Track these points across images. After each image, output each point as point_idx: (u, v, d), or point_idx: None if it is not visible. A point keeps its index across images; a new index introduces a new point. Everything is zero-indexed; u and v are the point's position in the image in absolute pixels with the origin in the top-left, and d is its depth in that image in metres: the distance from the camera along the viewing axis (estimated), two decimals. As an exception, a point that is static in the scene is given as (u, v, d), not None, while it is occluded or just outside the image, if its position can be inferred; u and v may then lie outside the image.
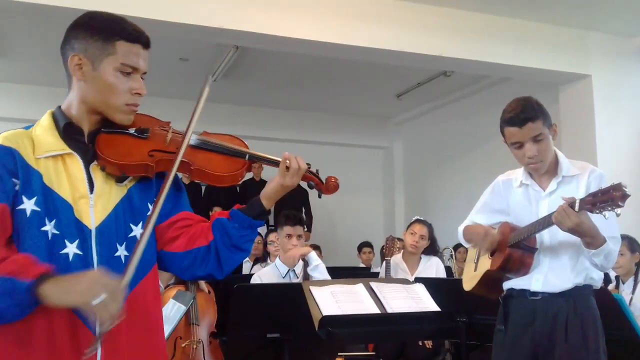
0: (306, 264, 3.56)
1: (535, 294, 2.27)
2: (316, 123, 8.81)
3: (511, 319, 2.33)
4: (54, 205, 1.33)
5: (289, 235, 3.57)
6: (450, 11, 5.28)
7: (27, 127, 1.43)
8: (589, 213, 1.97)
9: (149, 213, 1.41)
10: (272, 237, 4.90)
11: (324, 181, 1.54)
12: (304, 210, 7.14)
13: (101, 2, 2.92)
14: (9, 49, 6.38)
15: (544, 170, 2.28)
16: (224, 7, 4.60)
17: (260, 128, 8.19)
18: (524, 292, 2.30)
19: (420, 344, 4.13)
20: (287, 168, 1.48)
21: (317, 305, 2.12)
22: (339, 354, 3.32)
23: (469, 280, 2.56)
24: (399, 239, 5.61)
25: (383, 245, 4.71)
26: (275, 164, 1.50)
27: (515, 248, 2.28)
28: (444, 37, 5.26)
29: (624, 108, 5.87)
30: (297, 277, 3.58)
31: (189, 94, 7.07)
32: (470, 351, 3.84)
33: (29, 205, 1.31)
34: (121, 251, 1.39)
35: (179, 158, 1.41)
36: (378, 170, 9.61)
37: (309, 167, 1.53)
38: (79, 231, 1.35)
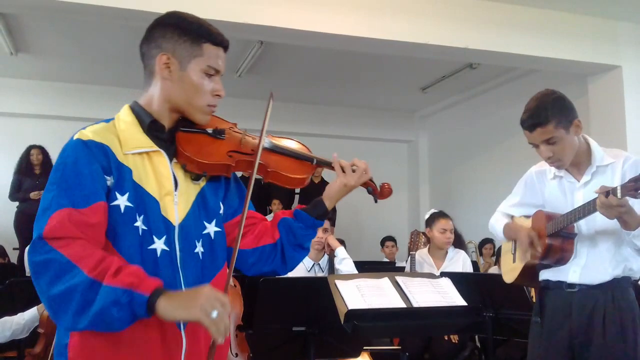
0: (332, 258, 3.58)
1: (572, 285, 2.23)
2: (341, 117, 8.80)
3: (547, 311, 2.30)
4: (143, 201, 1.36)
5: (316, 228, 3.59)
6: (475, 2, 5.21)
7: (107, 121, 1.44)
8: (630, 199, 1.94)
9: (231, 212, 1.52)
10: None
11: (379, 187, 1.62)
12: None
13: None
14: (31, 45, 6.49)
15: (566, 167, 2.25)
16: (248, 2, 4.61)
17: (285, 123, 8.20)
18: (560, 284, 2.27)
19: (446, 338, 4.11)
20: (353, 170, 1.56)
21: (343, 299, 2.11)
22: (365, 348, 3.32)
23: (509, 272, 2.52)
24: (424, 234, 5.59)
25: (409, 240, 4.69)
26: (340, 168, 1.58)
27: (555, 237, 2.24)
28: (469, 29, 5.20)
29: (655, 99, 5.74)
30: (323, 271, 3.59)
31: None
32: (497, 346, 3.81)
33: (122, 201, 1.34)
34: (199, 248, 1.44)
35: (258, 160, 1.47)
36: (403, 164, 9.57)
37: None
38: (165, 227, 1.38)
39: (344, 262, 3.57)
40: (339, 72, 7.21)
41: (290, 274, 3.54)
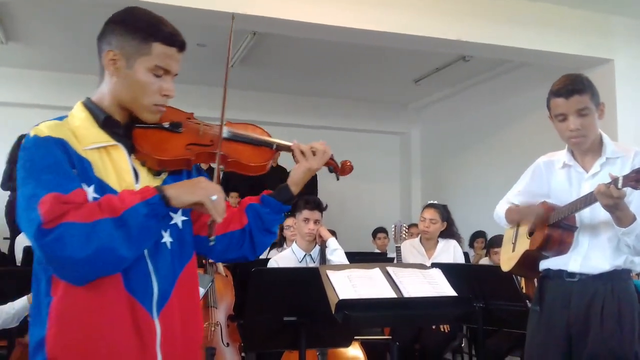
0: (323, 248, 3.59)
1: (572, 275, 2.25)
2: (333, 109, 8.78)
3: (547, 301, 2.32)
4: (106, 194, 1.36)
5: (307, 219, 3.60)
6: (468, -6, 5.21)
7: (60, 119, 1.44)
8: (629, 195, 1.96)
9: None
10: (288, 222, 4.94)
11: (340, 164, 1.64)
12: (312, 195, 7.17)
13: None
14: (21, 34, 6.42)
15: (586, 146, 2.25)
16: (241, -8, 4.59)
17: (277, 114, 8.19)
18: (560, 273, 2.28)
19: (436, 328, 4.14)
20: (314, 153, 1.57)
21: (334, 289, 2.12)
22: (355, 337, 3.34)
23: (507, 261, 2.54)
24: (414, 225, 5.61)
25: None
26: (301, 153, 1.59)
27: (555, 227, 2.25)
28: (462, 21, 5.19)
29: (646, 93, 5.77)
30: (314, 262, 3.61)
31: (206, 80, 7.13)
32: (487, 336, 3.85)
33: (90, 192, 1.34)
34: (167, 238, 1.44)
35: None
36: (395, 156, 9.57)
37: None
38: None
39: (336, 253, 3.59)
40: (332, 63, 7.19)
41: (281, 265, 3.57)
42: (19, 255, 5.80)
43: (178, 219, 1.48)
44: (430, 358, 4.12)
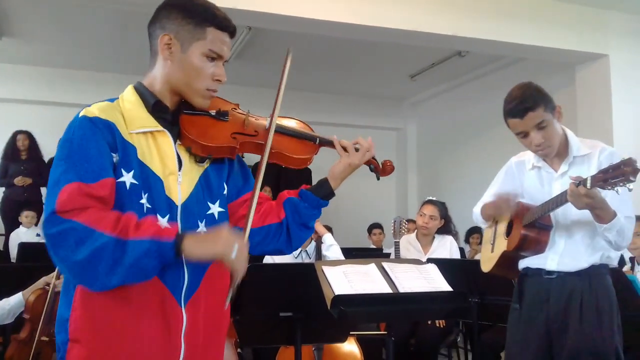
0: (319, 244, 3.59)
1: (550, 272, 2.27)
2: (329, 105, 8.77)
3: (526, 298, 2.34)
4: (147, 179, 1.38)
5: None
6: (465, -10, 5.21)
7: (112, 100, 1.45)
8: (600, 190, 1.97)
9: (247, 192, 1.54)
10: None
11: (381, 164, 1.63)
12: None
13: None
14: (16, 29, 6.39)
15: (554, 154, 2.28)
16: (236, -13, 4.57)
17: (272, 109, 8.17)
18: (539, 271, 2.31)
19: (432, 323, 4.15)
20: (357, 149, 1.57)
21: (330, 285, 2.13)
22: (351, 333, 3.35)
23: (487, 262, 2.56)
24: (411, 221, 5.61)
25: (394, 227, 4.72)
26: (344, 148, 1.59)
27: (531, 227, 2.28)
28: (458, 16, 5.19)
29: (641, 88, 5.78)
30: (310, 258, 3.61)
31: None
32: (482, 331, 3.86)
33: (127, 178, 1.35)
34: (202, 227, 1.45)
35: (269, 142, 1.48)
36: (391, 152, 9.57)
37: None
38: (168, 206, 1.40)
39: (331, 249, 3.59)
40: (328, 59, 7.18)
41: (277, 260, 3.57)
42: (13, 251, 5.79)
43: (215, 209, 1.49)
44: (426, 353, 4.13)
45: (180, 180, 1.42)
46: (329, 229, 4.07)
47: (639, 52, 5.80)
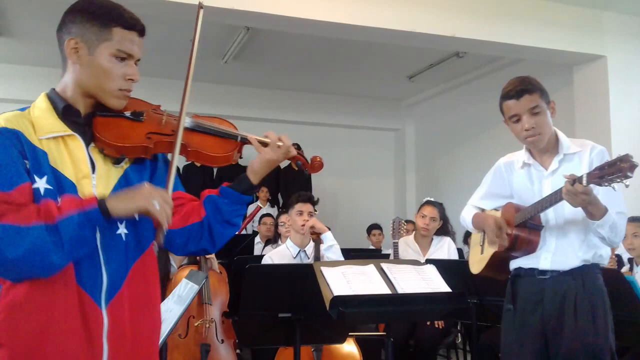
0: (317, 244, 3.58)
1: (543, 272, 2.28)
2: (327, 105, 8.78)
3: (520, 298, 2.34)
4: (60, 184, 1.38)
5: (300, 212, 3.61)
6: (463, -9, 5.22)
7: (22, 109, 1.45)
8: (596, 186, 1.98)
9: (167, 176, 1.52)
10: (282, 218, 4.94)
11: (310, 160, 1.62)
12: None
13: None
14: (13, 29, 6.38)
15: (543, 144, 2.29)
16: (234, -13, 4.57)
17: (271, 110, 8.17)
18: (532, 271, 2.31)
19: (431, 324, 4.15)
20: (279, 146, 1.56)
21: (328, 286, 2.13)
22: (350, 333, 3.35)
23: (476, 263, 2.57)
24: (409, 221, 5.60)
25: (393, 228, 4.72)
26: (265, 144, 1.57)
27: (522, 228, 2.29)
28: (456, 18, 5.20)
29: (639, 89, 5.79)
30: (308, 258, 3.60)
31: (199, 76, 7.10)
32: (481, 332, 3.86)
33: (41, 184, 1.35)
34: (122, 229, 1.45)
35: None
36: (389, 153, 9.58)
37: (297, 147, 1.62)
38: None
39: (332, 249, 3.58)
40: (326, 59, 7.18)
41: (276, 261, 3.57)
42: None
43: None
44: (424, 354, 4.13)
45: (95, 183, 1.42)
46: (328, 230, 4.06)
47: (636, 53, 5.81)
